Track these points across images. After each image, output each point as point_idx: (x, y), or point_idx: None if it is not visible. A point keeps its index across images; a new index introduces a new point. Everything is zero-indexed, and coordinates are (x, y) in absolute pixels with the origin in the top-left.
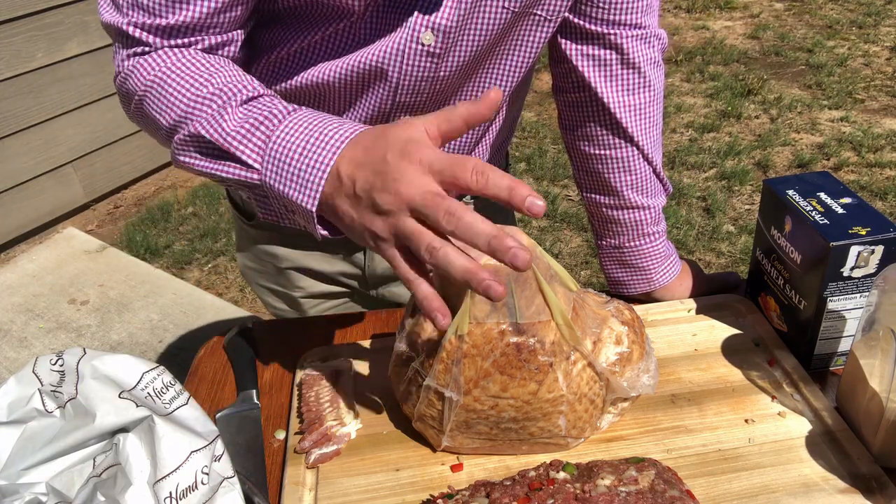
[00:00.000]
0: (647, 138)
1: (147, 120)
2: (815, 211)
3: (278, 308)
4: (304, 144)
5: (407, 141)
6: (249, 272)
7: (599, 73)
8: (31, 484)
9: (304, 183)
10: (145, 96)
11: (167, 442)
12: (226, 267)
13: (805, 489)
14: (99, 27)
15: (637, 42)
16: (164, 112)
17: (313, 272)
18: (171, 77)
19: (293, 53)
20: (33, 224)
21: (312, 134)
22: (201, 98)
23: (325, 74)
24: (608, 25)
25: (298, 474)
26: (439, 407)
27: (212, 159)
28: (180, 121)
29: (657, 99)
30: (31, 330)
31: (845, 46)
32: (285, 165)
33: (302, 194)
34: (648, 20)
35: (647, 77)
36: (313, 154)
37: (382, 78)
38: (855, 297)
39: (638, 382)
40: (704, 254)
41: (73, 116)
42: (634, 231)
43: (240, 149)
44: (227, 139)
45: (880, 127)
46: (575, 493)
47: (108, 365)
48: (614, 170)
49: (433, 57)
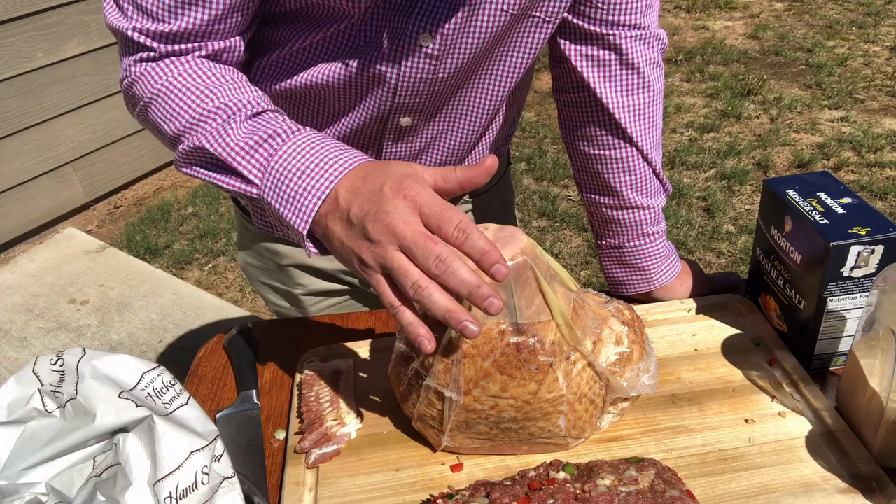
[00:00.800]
0: (647, 139)
1: (151, 126)
2: (815, 211)
3: (279, 305)
4: (304, 168)
5: (404, 176)
6: (251, 269)
7: (598, 74)
8: (31, 484)
9: (299, 206)
10: (151, 104)
11: (167, 442)
12: (226, 267)
13: (805, 489)
14: (99, 27)
15: (636, 43)
16: (168, 122)
17: (314, 270)
18: (177, 88)
19: (293, 53)
20: (33, 224)
21: (314, 158)
22: (206, 112)
23: (324, 75)
24: (607, 26)
25: (298, 474)
26: (439, 407)
27: (214, 171)
28: (184, 132)
29: (657, 99)
30: (31, 330)
31: (845, 46)
32: (284, 186)
33: (296, 216)
34: (648, 21)
35: (646, 77)
36: (312, 179)
37: (381, 79)
38: (855, 297)
39: (638, 382)
40: (704, 254)
41: (72, 116)
42: (634, 231)
43: (242, 164)
44: (231, 154)
45: (880, 127)
46: (575, 493)
47: (108, 365)
48: (614, 170)
49: (432, 59)
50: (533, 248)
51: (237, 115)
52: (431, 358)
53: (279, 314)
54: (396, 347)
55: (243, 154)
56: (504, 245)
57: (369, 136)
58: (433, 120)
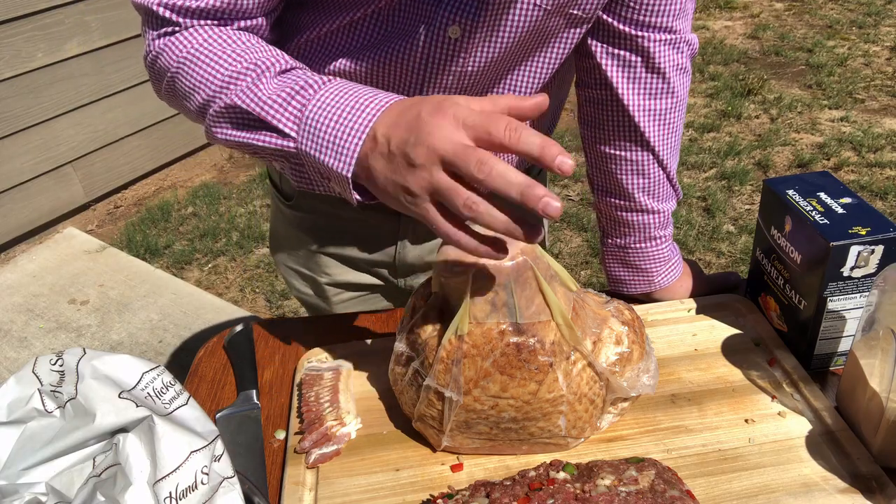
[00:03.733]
0: (665, 144)
1: (179, 97)
2: (815, 211)
3: (302, 292)
4: (340, 112)
5: (443, 99)
6: (280, 253)
7: (623, 75)
8: (31, 484)
9: (339, 150)
10: (178, 73)
11: (167, 442)
12: (226, 267)
13: (805, 489)
14: (99, 27)
15: (665, 47)
16: (197, 88)
17: (344, 258)
18: (203, 53)
19: (317, 39)
20: (33, 224)
21: (349, 102)
22: (236, 73)
23: (350, 63)
24: (638, 27)
25: (298, 474)
26: (439, 407)
27: (247, 130)
28: (214, 96)
29: (679, 105)
30: (31, 330)
31: (845, 46)
32: (321, 133)
33: (338, 161)
34: (680, 24)
35: (671, 83)
36: (349, 121)
37: (407, 69)
38: (855, 297)
39: (638, 382)
40: (704, 254)
41: (72, 116)
42: (642, 234)
43: (276, 117)
44: (264, 108)
45: (880, 127)
46: (575, 493)
47: (108, 365)
48: (628, 172)
49: (460, 51)
50: (533, 248)
51: (267, 72)
52: (431, 358)
53: (301, 301)
54: (396, 347)
55: (276, 107)
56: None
57: None
58: None
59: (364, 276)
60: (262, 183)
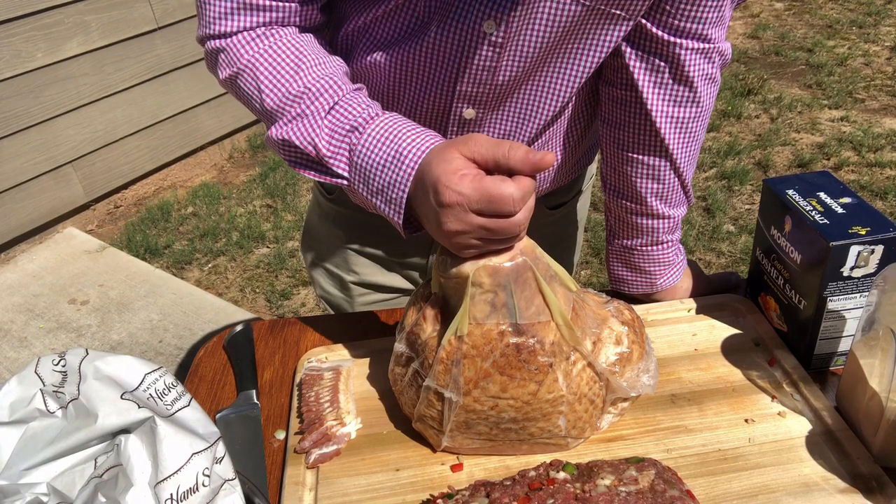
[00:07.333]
0: (684, 152)
1: (239, 94)
2: (815, 211)
3: (328, 292)
4: (384, 161)
5: (443, 174)
6: (310, 250)
7: (649, 79)
8: (33, 484)
9: (388, 198)
10: (240, 75)
11: (169, 443)
12: (226, 267)
13: (805, 489)
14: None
15: (696, 56)
16: (256, 99)
17: (377, 257)
18: (262, 64)
19: (358, 29)
20: (33, 224)
21: (390, 150)
22: (290, 96)
23: (386, 56)
24: (672, 32)
25: (298, 474)
26: (439, 407)
27: (305, 165)
28: (272, 113)
29: (703, 115)
30: (31, 330)
31: (845, 46)
32: (370, 180)
33: (388, 207)
34: (716, 33)
35: (697, 92)
36: (393, 172)
37: (441, 64)
38: (855, 297)
39: (638, 382)
40: (704, 254)
41: (72, 116)
42: (650, 237)
43: (333, 163)
44: (322, 154)
45: (880, 127)
46: (575, 493)
47: (111, 366)
48: (642, 175)
49: (495, 47)
50: (533, 248)
51: (318, 108)
52: (431, 358)
53: (325, 301)
54: (396, 348)
55: (332, 154)
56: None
57: (432, 127)
58: (497, 114)
59: (393, 278)
60: (262, 183)
